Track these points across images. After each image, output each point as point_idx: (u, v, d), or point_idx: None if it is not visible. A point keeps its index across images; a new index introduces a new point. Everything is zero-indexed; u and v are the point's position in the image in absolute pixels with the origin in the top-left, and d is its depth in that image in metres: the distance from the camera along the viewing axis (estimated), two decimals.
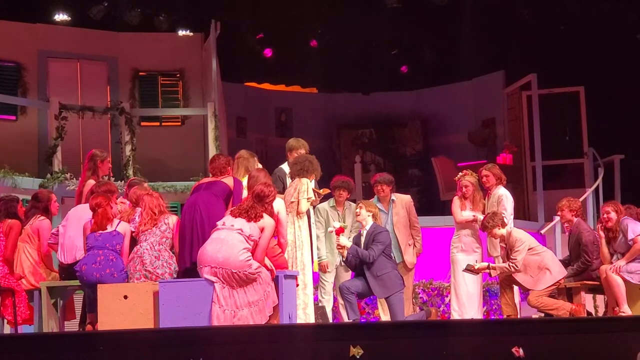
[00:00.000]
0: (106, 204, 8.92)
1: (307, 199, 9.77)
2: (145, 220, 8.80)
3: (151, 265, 8.56)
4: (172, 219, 8.86)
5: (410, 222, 10.95)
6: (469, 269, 10.28)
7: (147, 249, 8.63)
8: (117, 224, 8.92)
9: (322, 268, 10.53)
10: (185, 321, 8.09)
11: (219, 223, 8.45)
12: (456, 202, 10.80)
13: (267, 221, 8.48)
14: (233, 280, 8.18)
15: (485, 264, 10.25)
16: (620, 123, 15.45)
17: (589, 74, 15.99)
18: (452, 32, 16.40)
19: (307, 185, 9.81)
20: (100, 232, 8.82)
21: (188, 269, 8.59)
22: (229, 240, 8.27)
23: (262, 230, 8.42)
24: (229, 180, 9.04)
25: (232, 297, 8.18)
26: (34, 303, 9.30)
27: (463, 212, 10.73)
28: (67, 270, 9.17)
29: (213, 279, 8.17)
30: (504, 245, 10.22)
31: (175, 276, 8.63)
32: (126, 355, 7.52)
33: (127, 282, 8.66)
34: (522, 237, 10.04)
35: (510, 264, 9.92)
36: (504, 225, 10.10)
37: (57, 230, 9.51)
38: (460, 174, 10.94)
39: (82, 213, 9.35)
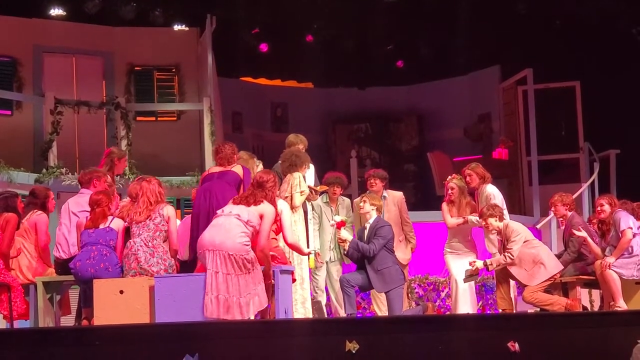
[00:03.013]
0: (105, 205, 8.93)
1: (301, 192, 9.78)
2: (140, 209, 8.76)
3: (146, 263, 8.54)
4: (167, 210, 8.79)
5: (401, 218, 10.96)
6: (469, 276, 10.30)
7: (141, 246, 8.60)
8: (111, 220, 8.91)
9: (317, 257, 10.53)
10: (181, 316, 8.09)
11: (219, 211, 8.49)
12: (445, 209, 10.84)
13: (266, 208, 8.48)
14: (228, 263, 8.15)
15: (481, 262, 10.24)
16: (616, 118, 15.46)
17: (585, 68, 16.01)
18: (448, 27, 16.40)
19: (299, 179, 9.84)
20: (94, 228, 8.83)
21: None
22: (226, 224, 8.30)
23: (261, 217, 8.42)
24: (238, 169, 9.16)
25: (226, 283, 8.15)
26: (30, 298, 9.29)
27: (452, 218, 10.76)
28: (63, 266, 9.17)
29: (209, 259, 8.16)
30: (501, 239, 10.24)
31: (170, 272, 8.62)
32: (122, 350, 7.52)
33: (122, 276, 8.66)
34: (519, 229, 10.06)
35: (506, 254, 9.93)
36: (501, 219, 10.11)
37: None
38: (449, 177, 10.97)
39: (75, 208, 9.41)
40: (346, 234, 9.98)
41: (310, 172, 10.41)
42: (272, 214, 8.53)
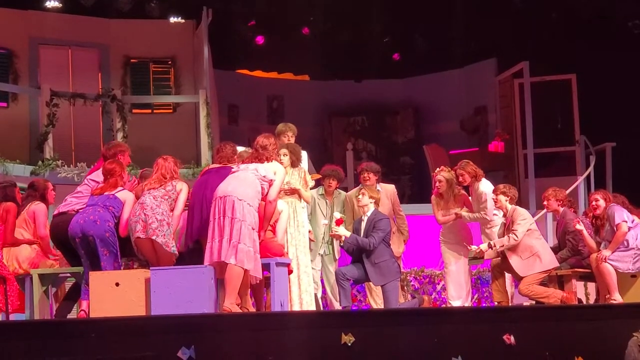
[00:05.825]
0: (119, 174, 8.95)
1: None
2: (152, 180, 8.83)
3: (151, 211, 8.55)
4: (181, 184, 8.85)
5: (394, 211, 10.96)
6: (473, 258, 10.34)
7: (149, 198, 8.65)
8: (119, 190, 8.90)
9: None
10: (177, 308, 8.08)
11: (235, 167, 8.73)
12: (433, 203, 10.85)
13: (278, 166, 8.85)
14: (235, 208, 8.27)
15: (485, 245, 10.27)
16: (612, 111, 15.46)
17: (581, 61, 16.00)
18: (445, 20, 16.39)
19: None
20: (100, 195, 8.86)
21: (193, 249, 8.67)
22: (241, 176, 8.56)
23: (274, 172, 8.72)
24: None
25: (230, 226, 8.26)
26: (26, 290, 9.28)
27: (442, 214, 10.77)
28: (52, 223, 9.16)
29: (217, 207, 8.32)
30: (505, 222, 10.27)
31: (170, 230, 8.59)
32: (118, 342, 7.51)
33: (108, 235, 8.60)
34: (525, 214, 10.16)
35: (510, 235, 9.96)
36: (512, 201, 10.20)
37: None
38: (437, 169, 10.96)
39: None
40: (344, 232, 9.95)
41: (303, 161, 10.38)
42: (284, 173, 8.96)
